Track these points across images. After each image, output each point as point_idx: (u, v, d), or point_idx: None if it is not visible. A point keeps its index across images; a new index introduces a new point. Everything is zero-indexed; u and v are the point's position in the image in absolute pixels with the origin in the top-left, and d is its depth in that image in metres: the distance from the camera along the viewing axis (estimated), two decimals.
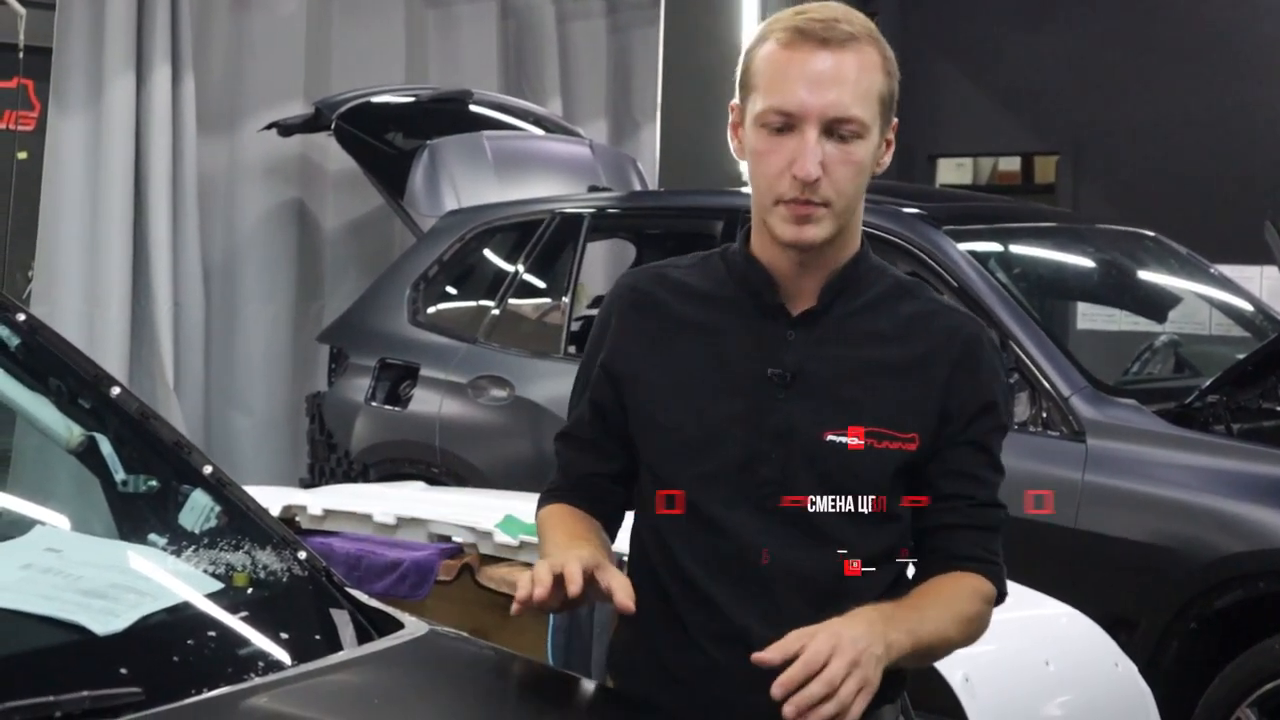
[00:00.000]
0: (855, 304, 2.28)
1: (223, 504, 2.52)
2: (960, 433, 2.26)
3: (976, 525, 2.28)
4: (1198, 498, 4.58)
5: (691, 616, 2.26)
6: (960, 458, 2.27)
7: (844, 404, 2.23)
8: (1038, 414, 4.88)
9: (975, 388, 2.27)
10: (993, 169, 11.65)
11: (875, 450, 2.22)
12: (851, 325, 2.27)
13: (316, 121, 7.21)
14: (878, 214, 5.46)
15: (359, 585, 2.88)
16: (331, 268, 8.04)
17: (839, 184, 2.18)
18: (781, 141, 2.18)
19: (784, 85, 2.17)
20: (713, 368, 2.27)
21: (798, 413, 2.23)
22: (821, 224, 2.20)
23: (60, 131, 7.07)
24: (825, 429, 2.22)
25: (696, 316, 2.31)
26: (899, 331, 2.28)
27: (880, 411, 2.23)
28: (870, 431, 2.22)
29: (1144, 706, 3.66)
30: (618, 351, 2.34)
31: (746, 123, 2.24)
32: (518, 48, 8.89)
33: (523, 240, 6.39)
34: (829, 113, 2.16)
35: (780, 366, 2.25)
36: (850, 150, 2.18)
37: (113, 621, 2.14)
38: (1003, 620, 3.65)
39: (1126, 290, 6.31)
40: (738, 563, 2.23)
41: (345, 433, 6.44)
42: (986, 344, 2.32)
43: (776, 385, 2.24)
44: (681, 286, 2.34)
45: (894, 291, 2.32)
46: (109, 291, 7.03)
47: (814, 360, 2.25)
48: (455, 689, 2.35)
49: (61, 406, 2.63)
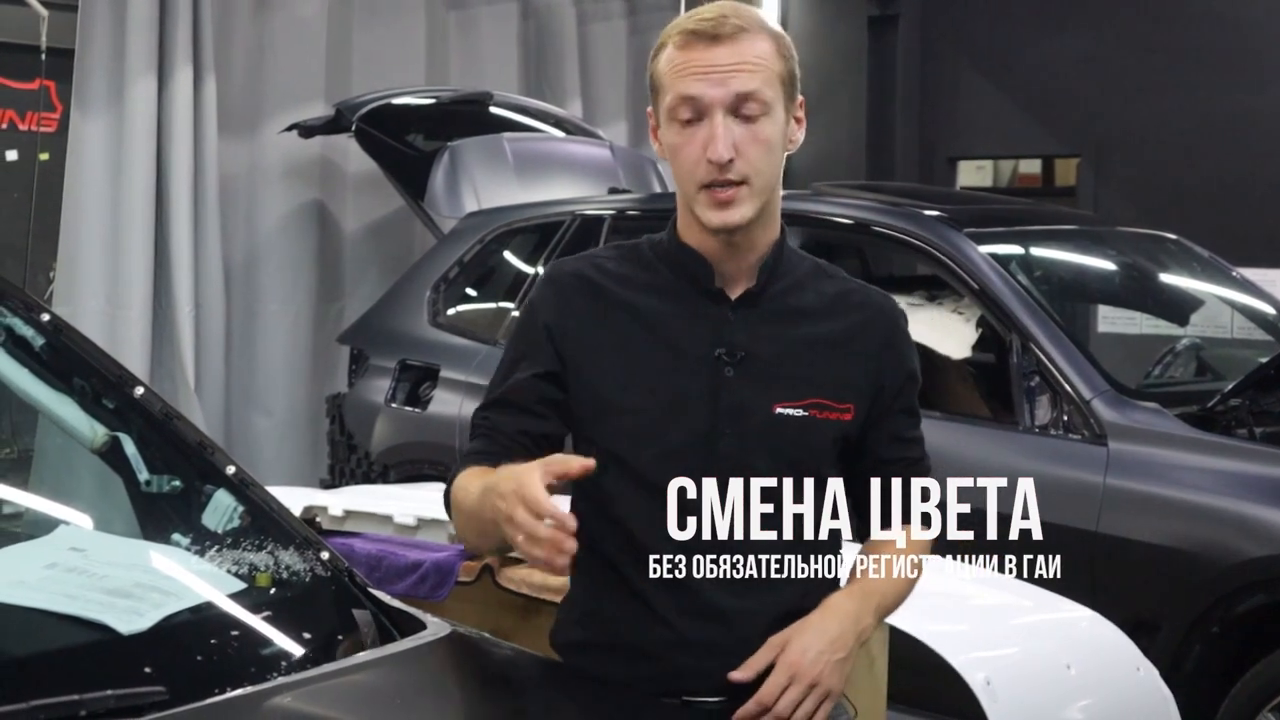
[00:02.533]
0: (785, 284, 2.42)
1: (246, 504, 2.53)
2: (892, 403, 2.45)
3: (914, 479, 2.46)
4: (1220, 501, 4.57)
5: (657, 594, 2.33)
6: (896, 425, 2.47)
7: (790, 379, 2.38)
8: (1059, 417, 4.87)
9: (902, 361, 2.47)
10: (1013, 171, 11.62)
11: (818, 420, 2.38)
12: (784, 304, 2.42)
13: (337, 123, 7.21)
14: (898, 216, 5.47)
15: (379, 586, 2.88)
16: (352, 269, 8.05)
17: (752, 162, 2.31)
18: (693, 132, 2.31)
19: (686, 80, 2.32)
20: (661, 351, 2.37)
21: (749, 389, 2.36)
22: (743, 204, 2.32)
23: (82, 133, 7.09)
24: (776, 403, 2.36)
25: (637, 301, 2.40)
26: (826, 309, 2.43)
27: (821, 384, 2.39)
28: (814, 403, 2.38)
29: (1166, 711, 3.65)
30: (565, 331, 2.39)
31: (661, 123, 2.37)
32: (538, 49, 8.90)
33: (543, 242, 6.38)
34: (731, 95, 2.30)
35: (727, 347, 2.37)
36: (757, 129, 2.31)
37: (137, 621, 2.14)
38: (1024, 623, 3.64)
39: (1148, 293, 6.29)
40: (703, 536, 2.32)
41: (365, 434, 6.44)
42: (902, 317, 2.50)
43: (725, 364, 2.36)
44: (616, 274, 2.43)
45: (815, 272, 2.47)
46: (130, 292, 7.05)
47: (757, 339, 2.38)
48: (477, 689, 2.35)
49: (85, 407, 2.64)
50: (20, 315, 2.62)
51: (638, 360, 2.37)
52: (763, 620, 2.32)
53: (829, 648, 2.28)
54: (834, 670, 2.28)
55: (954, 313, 5.52)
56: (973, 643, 3.47)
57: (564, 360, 2.39)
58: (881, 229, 5.52)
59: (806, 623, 2.30)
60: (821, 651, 2.27)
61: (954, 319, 5.50)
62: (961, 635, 3.45)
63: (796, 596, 2.34)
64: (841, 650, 2.29)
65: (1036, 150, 11.16)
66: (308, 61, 7.84)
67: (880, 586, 2.39)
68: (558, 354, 2.39)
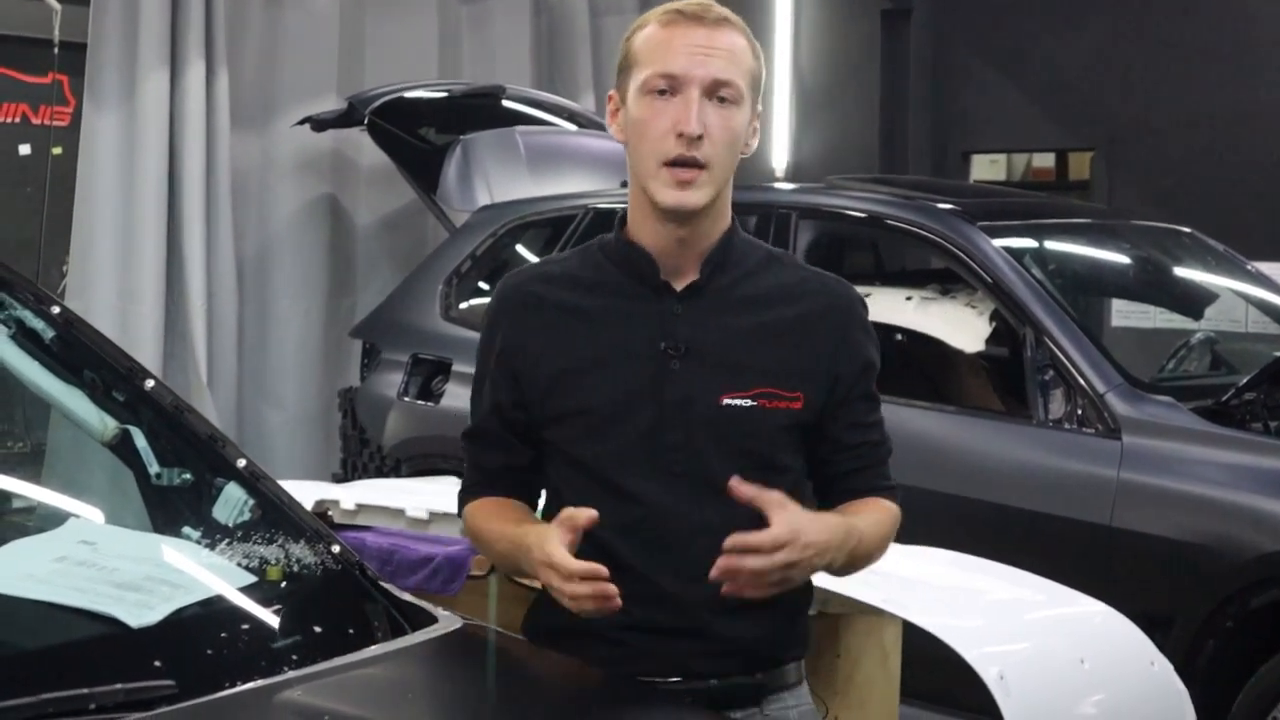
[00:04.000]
0: (733, 275, 2.44)
1: (256, 497, 2.52)
2: (850, 390, 2.46)
3: (874, 463, 2.51)
4: (1234, 495, 4.56)
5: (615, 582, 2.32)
6: (854, 412, 2.48)
7: (735, 369, 2.39)
8: (1073, 411, 4.86)
9: (858, 349, 2.48)
10: (1027, 165, 11.60)
11: (765, 410, 2.39)
12: (732, 294, 2.43)
13: (350, 117, 7.21)
14: (912, 209, 5.46)
15: (391, 580, 2.87)
16: (364, 263, 8.05)
17: (718, 147, 2.34)
18: (665, 105, 2.34)
19: (667, 54, 2.35)
20: (607, 349, 2.41)
21: (694, 381, 2.38)
22: (700, 189, 2.35)
23: (95, 127, 7.09)
24: (721, 394, 2.38)
25: (584, 303, 2.44)
26: (776, 298, 2.45)
27: (768, 374, 2.40)
28: (761, 392, 2.39)
29: (1180, 705, 3.63)
30: (513, 349, 2.47)
31: (629, 99, 2.39)
32: (551, 43, 8.89)
33: (556, 235, 6.38)
34: (710, 76, 2.34)
35: (672, 339, 2.39)
36: (728, 115, 2.35)
37: (147, 614, 2.14)
38: (1038, 618, 3.63)
39: (1162, 287, 6.27)
40: (653, 527, 2.38)
41: (378, 428, 6.44)
42: (859, 306, 2.51)
43: (671, 357, 2.39)
44: (564, 278, 2.49)
45: (766, 262, 2.49)
46: (143, 286, 7.06)
47: (703, 330, 2.40)
48: (488, 683, 2.35)
49: (96, 400, 2.64)
50: (31, 308, 2.62)
51: (585, 361, 2.40)
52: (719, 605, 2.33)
53: (820, 551, 2.29)
54: (809, 568, 2.30)
55: (967, 306, 5.51)
56: (987, 637, 3.46)
57: (518, 379, 2.46)
58: (895, 222, 5.51)
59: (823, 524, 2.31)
60: (814, 544, 2.27)
61: (967, 313, 5.49)
62: (975, 630, 3.44)
63: None
64: (824, 560, 2.31)
65: (1050, 144, 11.13)
66: (320, 55, 7.84)
67: (858, 535, 2.39)
68: (512, 375, 2.46)
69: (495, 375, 2.49)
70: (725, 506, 2.32)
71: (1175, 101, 10.03)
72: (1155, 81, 10.12)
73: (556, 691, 2.38)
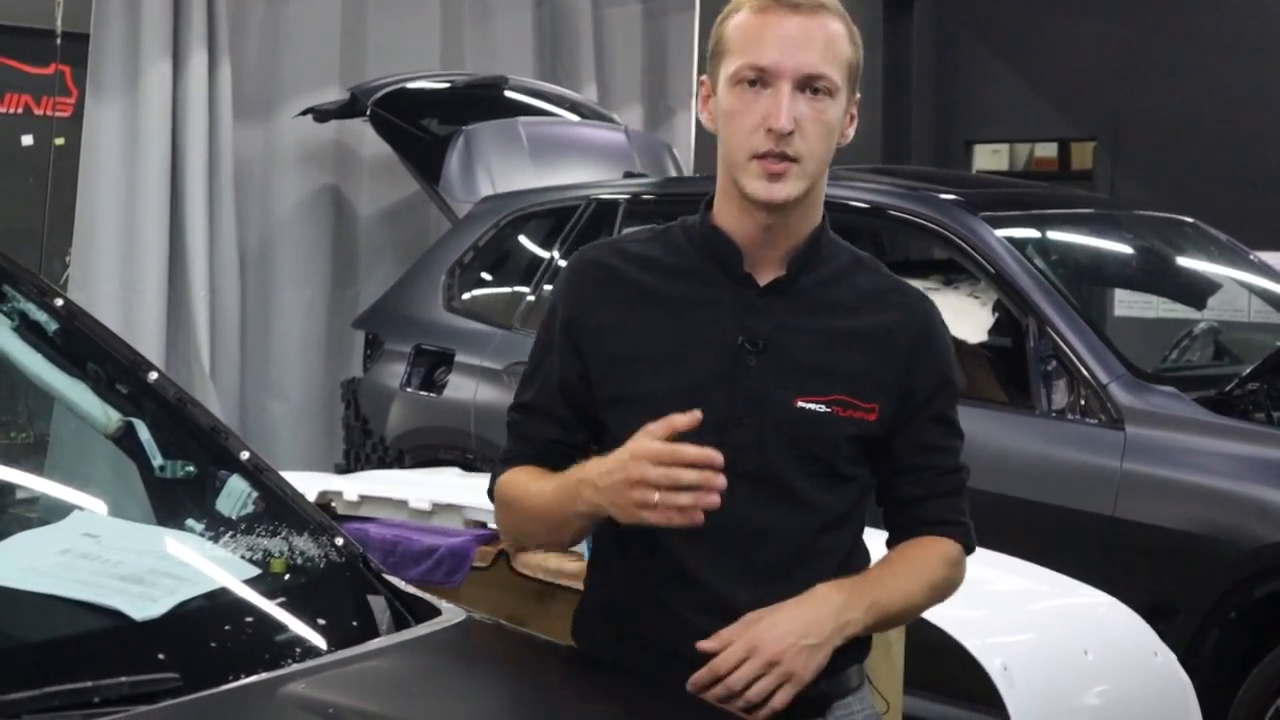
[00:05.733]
0: (818, 275, 2.34)
1: (260, 490, 2.52)
2: (922, 409, 2.36)
3: (943, 492, 2.40)
4: (1237, 486, 4.55)
5: (669, 587, 2.29)
6: (924, 432, 2.37)
7: (813, 371, 2.30)
8: (1075, 401, 4.85)
9: (934, 366, 2.38)
10: (1029, 155, 11.59)
11: (838, 417, 2.29)
12: (816, 295, 2.33)
13: (352, 107, 7.21)
14: (915, 200, 5.45)
15: (394, 572, 2.87)
16: (367, 254, 8.05)
17: (810, 141, 2.25)
18: (756, 97, 2.24)
19: (759, 44, 2.24)
20: (682, 338, 2.30)
21: (770, 380, 2.28)
22: (791, 182, 2.25)
23: (97, 118, 7.09)
24: (797, 396, 2.28)
25: (662, 287, 2.33)
26: (858, 304, 2.35)
27: (845, 380, 2.30)
28: (836, 399, 2.29)
29: (1183, 696, 3.63)
30: (580, 323, 2.35)
31: (719, 88, 2.29)
32: (553, 33, 8.88)
33: (558, 226, 6.38)
34: (802, 69, 2.23)
35: (751, 335, 2.29)
36: (822, 108, 2.25)
37: (150, 607, 2.14)
38: (1041, 609, 3.63)
39: (1165, 277, 6.27)
40: (714, 528, 2.20)
41: (380, 419, 6.44)
42: (939, 320, 2.42)
43: (748, 353, 2.28)
44: (643, 259, 2.37)
45: (852, 265, 2.39)
46: (145, 277, 7.06)
47: (783, 329, 2.30)
48: (492, 676, 2.35)
49: (99, 392, 2.63)
50: (34, 300, 2.62)
51: (656, 347, 2.29)
52: None
53: (800, 630, 2.20)
54: (800, 655, 2.20)
55: (970, 297, 5.50)
56: (990, 628, 3.46)
57: (583, 355, 2.33)
58: (897, 213, 5.50)
59: (783, 605, 2.23)
60: (789, 633, 2.20)
61: (970, 303, 5.48)
62: (979, 621, 3.44)
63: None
64: (814, 637, 2.21)
65: (1053, 134, 11.13)
66: (323, 46, 7.83)
67: (881, 585, 2.31)
68: (577, 349, 2.34)
69: (561, 347, 2.35)
70: (790, 511, 2.27)
71: (1178, 92, 10.02)
72: (1158, 72, 10.11)
73: (560, 684, 2.37)
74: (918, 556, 2.37)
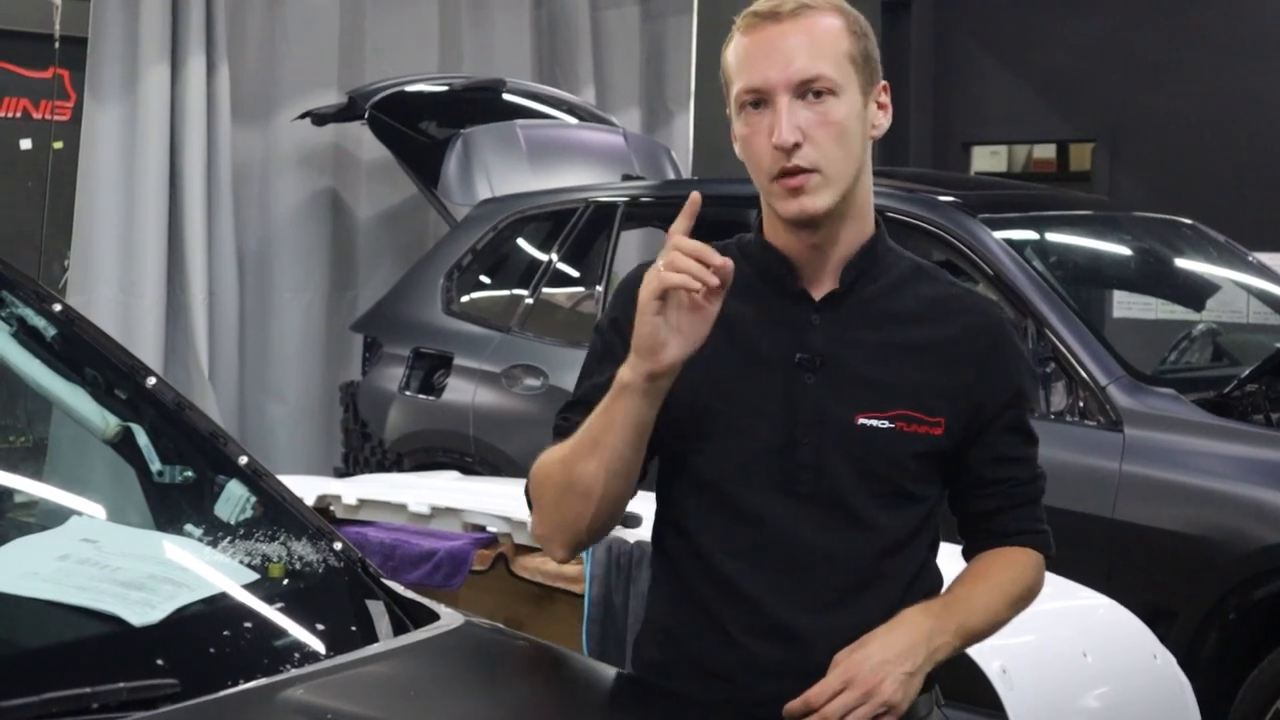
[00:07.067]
0: (876, 286, 2.28)
1: (258, 494, 2.52)
2: (995, 420, 2.29)
3: (1021, 502, 2.35)
4: (1236, 487, 4.55)
5: (727, 613, 2.24)
6: (999, 443, 2.31)
7: (874, 386, 2.23)
8: (1074, 403, 4.85)
9: (1006, 377, 2.30)
10: (1028, 156, 11.60)
11: (904, 433, 2.22)
12: (874, 307, 2.26)
13: (350, 111, 7.22)
14: (913, 202, 5.44)
15: (393, 575, 2.87)
16: (365, 257, 8.06)
17: (823, 146, 2.18)
18: (760, 119, 2.19)
19: (749, 65, 2.19)
20: (739, 355, 2.23)
21: (829, 397, 2.22)
22: (817, 193, 2.19)
23: (95, 121, 7.10)
24: (857, 412, 2.21)
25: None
26: (921, 313, 2.28)
27: (908, 394, 2.23)
28: (900, 414, 2.22)
29: (1182, 698, 3.63)
30: None
31: (733, 116, 2.26)
32: (551, 36, 8.89)
33: (556, 229, 6.38)
34: (794, 77, 2.17)
35: (808, 350, 2.23)
36: (826, 110, 2.18)
37: (149, 613, 2.14)
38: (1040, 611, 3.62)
39: (1164, 278, 6.27)
40: (773, 552, 2.20)
41: (379, 422, 6.44)
42: (1009, 328, 2.35)
43: (805, 370, 2.22)
44: None
45: (913, 274, 2.31)
46: (144, 281, 7.07)
47: (841, 343, 2.24)
48: (491, 681, 2.35)
49: (98, 397, 2.63)
50: (32, 305, 2.61)
51: (712, 365, 2.19)
52: (840, 641, 2.19)
53: (894, 659, 2.15)
54: (896, 683, 2.14)
55: None
56: None
57: None
58: (896, 214, 5.49)
59: (874, 634, 2.17)
60: (885, 661, 2.14)
61: None
62: None
63: (879, 616, 2.21)
64: (908, 664, 2.15)
65: (1051, 135, 11.14)
66: (321, 49, 7.84)
67: (968, 606, 2.26)
68: None
69: (615, 354, 2.21)
70: (853, 534, 2.21)
71: (1176, 93, 10.02)
72: (1156, 73, 10.11)
73: (560, 689, 2.37)
74: (999, 571, 2.33)
